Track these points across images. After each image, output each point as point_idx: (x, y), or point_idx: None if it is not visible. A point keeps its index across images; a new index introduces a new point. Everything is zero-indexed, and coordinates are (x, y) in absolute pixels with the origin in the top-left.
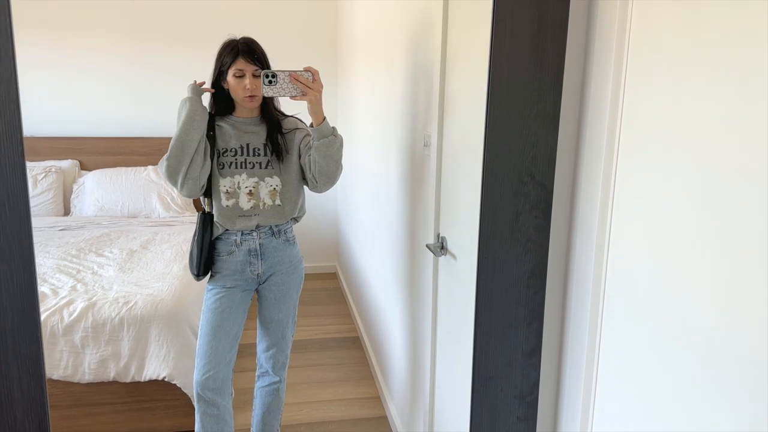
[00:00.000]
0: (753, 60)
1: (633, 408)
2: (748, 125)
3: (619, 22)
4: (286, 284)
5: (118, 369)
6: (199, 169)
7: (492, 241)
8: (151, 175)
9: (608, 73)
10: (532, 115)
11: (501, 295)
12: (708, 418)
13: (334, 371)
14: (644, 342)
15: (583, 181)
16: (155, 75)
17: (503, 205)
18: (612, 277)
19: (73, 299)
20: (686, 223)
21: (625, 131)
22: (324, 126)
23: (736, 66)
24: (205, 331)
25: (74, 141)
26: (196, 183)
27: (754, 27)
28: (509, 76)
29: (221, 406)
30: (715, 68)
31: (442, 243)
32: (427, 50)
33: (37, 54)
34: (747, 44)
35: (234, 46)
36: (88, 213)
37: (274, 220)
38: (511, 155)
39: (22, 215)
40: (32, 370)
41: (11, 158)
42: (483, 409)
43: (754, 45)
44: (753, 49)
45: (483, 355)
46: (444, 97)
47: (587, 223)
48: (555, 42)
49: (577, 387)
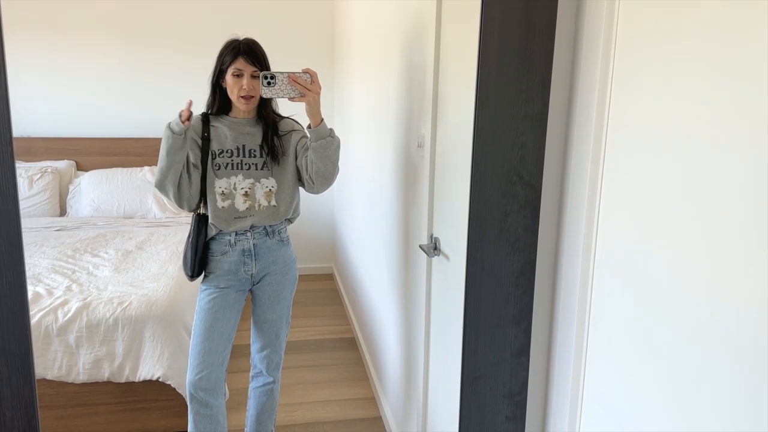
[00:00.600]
0: (739, 61)
1: (620, 406)
2: (735, 126)
3: (606, 23)
4: (280, 284)
5: (112, 369)
6: (187, 190)
7: (481, 241)
8: (147, 175)
9: (595, 74)
10: (521, 116)
11: (490, 295)
12: (693, 417)
13: (329, 372)
14: (631, 341)
15: (571, 181)
16: (151, 76)
17: (492, 205)
18: (599, 277)
19: (67, 299)
20: (673, 223)
21: (611, 132)
22: (322, 127)
23: (723, 67)
24: (199, 332)
25: (70, 141)
26: (191, 201)
27: (738, 29)
28: (497, 77)
29: (214, 407)
30: (702, 70)
31: (436, 244)
32: (421, 52)
33: (33, 55)
34: (732, 45)
35: (236, 45)
36: (84, 213)
37: (269, 220)
38: (499, 156)
39: (11, 213)
40: (21, 369)
41: (1, 157)
42: (472, 408)
43: (738, 46)
44: (737, 50)
45: (472, 354)
46: (437, 98)
47: (575, 223)
48: (543, 44)
49: (566, 386)
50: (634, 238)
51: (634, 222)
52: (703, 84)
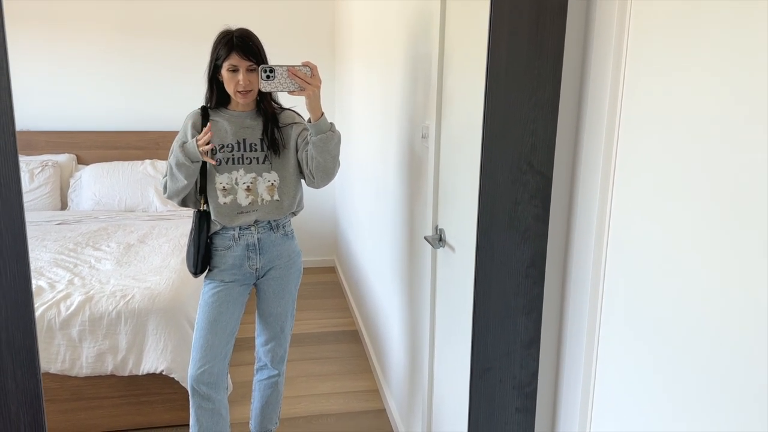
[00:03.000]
0: (757, 48)
1: (633, 399)
2: (751, 111)
3: (619, 7)
4: (284, 278)
5: (115, 363)
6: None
7: (491, 230)
8: (148, 169)
9: (608, 60)
10: (531, 103)
11: (499, 285)
12: (707, 410)
13: (333, 365)
14: (644, 333)
15: (582, 169)
16: (152, 69)
17: (502, 194)
18: (612, 267)
19: (70, 293)
20: (687, 213)
21: (625, 119)
22: (322, 121)
23: (740, 51)
24: (202, 326)
25: (71, 135)
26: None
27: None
28: (508, 63)
29: (216, 401)
30: (718, 54)
31: (440, 235)
32: (426, 41)
33: (33, 48)
34: (751, 30)
35: (229, 39)
36: (85, 207)
37: (273, 215)
38: (509, 143)
39: (14, 206)
40: (27, 363)
41: (3, 147)
42: (481, 399)
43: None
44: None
45: (481, 345)
46: (442, 88)
47: (587, 212)
48: (554, 29)
49: (576, 377)
50: (647, 229)
51: (647, 213)
52: (720, 69)
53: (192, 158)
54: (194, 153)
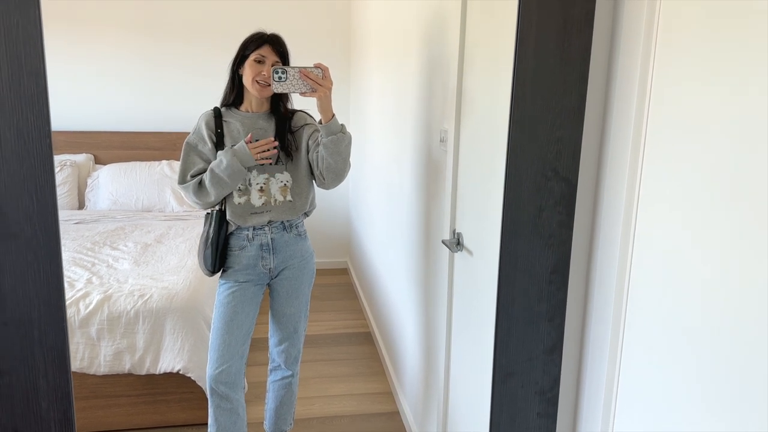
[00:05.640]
0: None
1: (656, 407)
2: None
3: (647, 16)
4: (297, 279)
5: (133, 361)
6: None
7: (514, 236)
8: (165, 169)
9: (635, 68)
10: (557, 110)
11: (523, 291)
12: (734, 418)
13: (346, 366)
14: (669, 340)
15: (607, 177)
16: (170, 70)
17: (526, 201)
18: (637, 274)
19: (88, 292)
20: (714, 221)
21: (651, 127)
22: (333, 123)
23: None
24: (218, 326)
25: (89, 135)
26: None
27: None
28: (534, 70)
29: (234, 400)
30: (747, 62)
31: (458, 239)
32: (445, 43)
33: (52, 49)
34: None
35: (263, 35)
36: (103, 207)
37: (286, 215)
38: (535, 150)
39: (49, 206)
40: (58, 361)
41: (40, 150)
42: (503, 404)
43: None
44: None
45: (504, 350)
46: (462, 92)
47: (612, 219)
48: (581, 36)
49: (599, 384)
50: (674, 237)
51: (675, 220)
52: (749, 80)
53: (245, 164)
54: (248, 159)
